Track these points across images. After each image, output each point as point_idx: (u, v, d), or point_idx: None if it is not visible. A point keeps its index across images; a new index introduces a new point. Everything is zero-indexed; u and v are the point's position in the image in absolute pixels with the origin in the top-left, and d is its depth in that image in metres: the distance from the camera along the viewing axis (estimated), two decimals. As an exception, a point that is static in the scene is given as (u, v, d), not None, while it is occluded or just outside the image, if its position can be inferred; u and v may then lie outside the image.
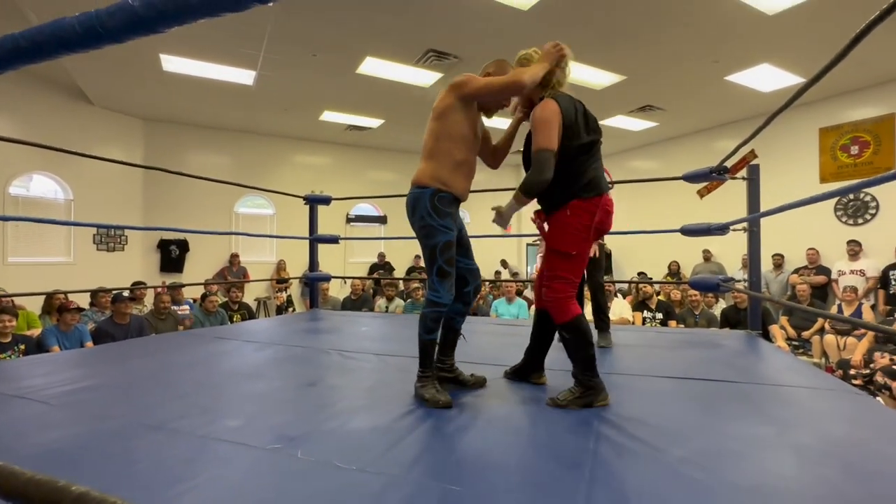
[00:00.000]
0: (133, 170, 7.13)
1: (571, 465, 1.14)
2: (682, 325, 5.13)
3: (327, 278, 4.56)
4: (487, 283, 7.22)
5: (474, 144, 1.74)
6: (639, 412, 1.52)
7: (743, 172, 3.01)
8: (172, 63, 5.36)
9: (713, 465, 1.13)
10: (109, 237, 7.17)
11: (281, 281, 8.06)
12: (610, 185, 1.78)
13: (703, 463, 1.14)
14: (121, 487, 1.03)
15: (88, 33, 0.47)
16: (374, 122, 7.82)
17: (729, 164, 2.93)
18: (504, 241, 10.61)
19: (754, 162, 2.98)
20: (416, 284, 6.07)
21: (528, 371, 1.88)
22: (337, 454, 1.18)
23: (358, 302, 6.11)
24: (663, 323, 5.30)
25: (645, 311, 5.49)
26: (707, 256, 7.84)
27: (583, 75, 5.82)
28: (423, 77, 5.86)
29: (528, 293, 7.08)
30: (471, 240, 1.85)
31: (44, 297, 4.77)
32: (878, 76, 6.00)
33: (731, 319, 4.75)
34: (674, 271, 8.20)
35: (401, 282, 7.71)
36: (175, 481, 1.05)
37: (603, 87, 6.16)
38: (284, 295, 8.20)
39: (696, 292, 5.13)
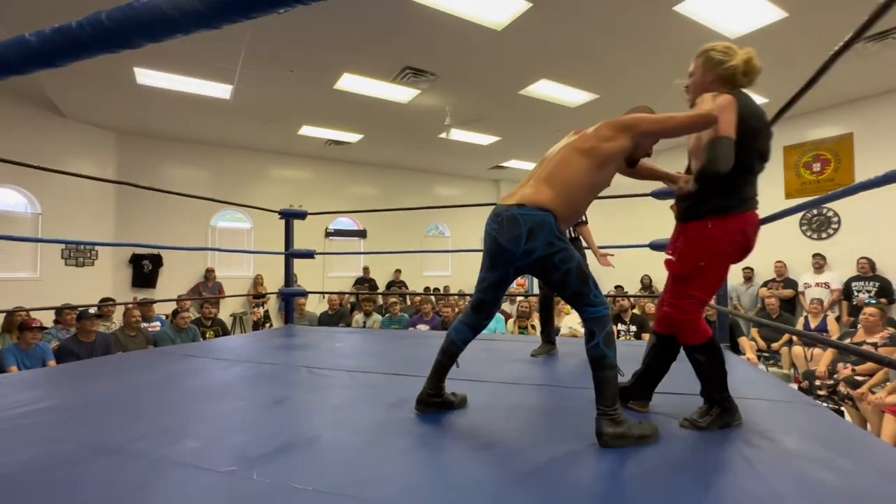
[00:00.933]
0: (105, 183, 6.97)
1: (532, 487, 1.14)
2: (657, 338, 5.20)
3: (303, 293, 4.52)
4: (467, 297, 7.20)
5: None
6: (602, 427, 1.53)
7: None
8: (147, 76, 5.31)
9: (672, 481, 1.15)
10: (79, 252, 6.96)
11: (258, 296, 7.93)
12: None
13: (662, 479, 1.16)
14: (65, 515, 1.00)
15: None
16: (353, 137, 7.84)
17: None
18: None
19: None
20: (393, 299, 6.05)
21: (632, 396, 1.70)
22: (294, 475, 1.16)
23: (335, 317, 6.05)
24: (637, 336, 5.37)
25: (619, 325, 5.56)
26: (681, 270, 8.01)
27: (557, 93, 5.96)
28: (401, 93, 5.93)
29: (506, 307, 7.12)
30: (450, 254, 1.78)
31: (4, 314, 4.60)
32: (837, 97, 6.31)
33: (703, 332, 4.84)
34: (646, 285, 8.35)
35: (380, 297, 7.67)
36: (124, 507, 1.02)
37: (577, 105, 6.32)
38: (261, 310, 8.06)
39: (670, 305, 5.22)
